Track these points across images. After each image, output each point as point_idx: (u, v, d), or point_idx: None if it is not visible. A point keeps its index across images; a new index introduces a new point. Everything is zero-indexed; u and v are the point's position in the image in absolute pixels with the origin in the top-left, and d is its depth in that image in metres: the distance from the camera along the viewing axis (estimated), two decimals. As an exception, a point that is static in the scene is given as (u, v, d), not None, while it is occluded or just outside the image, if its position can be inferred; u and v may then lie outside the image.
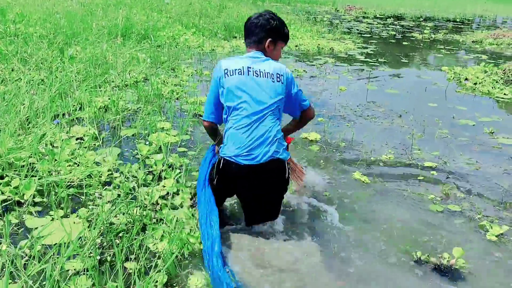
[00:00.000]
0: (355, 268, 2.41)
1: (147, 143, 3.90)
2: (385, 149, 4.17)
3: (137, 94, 5.19)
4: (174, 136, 4.16)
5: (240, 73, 2.45)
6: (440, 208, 3.11)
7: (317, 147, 4.17)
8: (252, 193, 2.56)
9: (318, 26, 12.70)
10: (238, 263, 2.36)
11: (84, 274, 2.15)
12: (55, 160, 3.25)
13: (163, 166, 3.44)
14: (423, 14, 21.40)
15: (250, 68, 2.46)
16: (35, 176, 2.98)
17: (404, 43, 11.65)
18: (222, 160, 2.51)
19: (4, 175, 2.96)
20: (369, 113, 5.27)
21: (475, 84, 6.86)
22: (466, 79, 7.09)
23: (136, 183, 3.14)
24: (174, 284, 2.21)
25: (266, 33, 2.55)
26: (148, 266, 2.26)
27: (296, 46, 9.72)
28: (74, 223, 2.59)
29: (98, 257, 2.27)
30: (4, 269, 2.09)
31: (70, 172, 3.11)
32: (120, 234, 2.49)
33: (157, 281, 2.14)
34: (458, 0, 30.30)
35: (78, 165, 3.27)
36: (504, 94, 6.39)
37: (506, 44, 11.83)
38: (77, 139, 3.87)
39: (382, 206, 3.11)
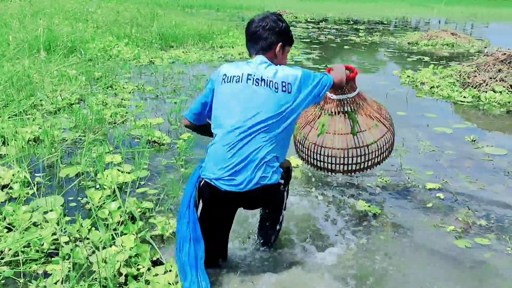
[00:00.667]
0: None
1: (98, 186, 3.11)
2: (374, 170, 3.67)
3: (73, 120, 4.35)
4: (129, 173, 3.40)
5: (237, 80, 2.09)
6: (468, 243, 2.64)
7: (299, 173, 3.60)
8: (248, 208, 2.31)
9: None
10: None
11: None
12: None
13: (120, 217, 2.69)
14: (350, 17, 21.73)
15: (251, 75, 2.08)
16: None
17: (345, 47, 11.47)
18: (201, 182, 2.15)
19: None
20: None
21: (432, 88, 6.66)
22: (423, 83, 6.88)
23: (92, 246, 2.38)
24: None
25: (276, 37, 2.16)
26: None
27: (239, 53, 9.15)
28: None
29: None
30: None
31: None
32: None
33: None
34: (378, 4, 31.36)
35: (10, 231, 2.44)
36: (464, 97, 6.21)
37: (440, 45, 12.04)
38: (2, 188, 3.01)
39: (408, 259, 2.57)
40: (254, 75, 2.08)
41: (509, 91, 6.18)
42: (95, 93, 5.38)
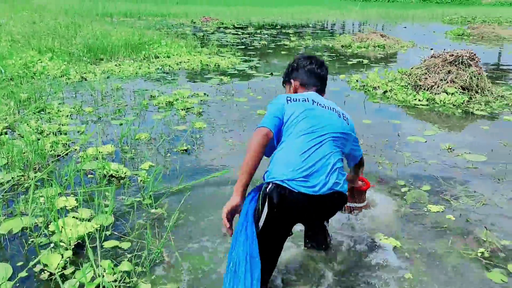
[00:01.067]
0: None
1: (53, 244, 2.48)
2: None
3: (4, 156, 3.61)
4: (89, 220, 2.79)
5: (304, 101, 2.20)
6: (504, 277, 2.36)
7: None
8: (309, 222, 2.36)
9: (188, 41, 11.64)
10: None
11: None
12: None
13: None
14: (274, 22, 21.75)
15: (315, 101, 2.23)
16: None
17: (282, 52, 11.25)
18: (269, 186, 1.98)
19: None
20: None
21: (385, 92, 6.56)
22: (375, 87, 6.76)
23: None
24: None
25: (325, 85, 2.49)
26: None
27: (177, 64, 8.56)
28: None
29: None
30: None
31: None
32: None
33: None
34: (299, 8, 31.88)
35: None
36: (419, 100, 6.14)
37: (372, 47, 12.21)
38: None
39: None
40: (317, 101, 2.22)
41: (460, 92, 6.21)
42: (25, 119, 4.60)
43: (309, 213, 2.06)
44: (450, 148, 4.31)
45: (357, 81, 7.23)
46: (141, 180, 3.41)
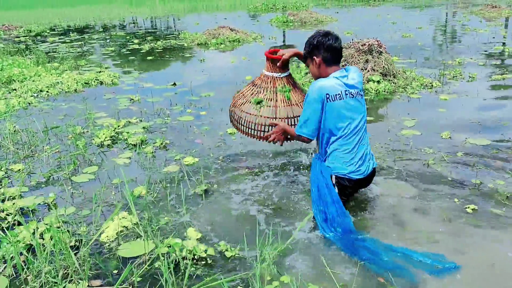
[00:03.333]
0: None
1: None
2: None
3: None
4: None
5: (339, 98, 2.75)
6: None
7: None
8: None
9: (37, 57, 9.66)
10: None
11: None
12: None
13: None
14: (87, 23, 19.80)
15: (347, 91, 2.78)
16: None
17: (149, 57, 10.22)
18: (335, 177, 2.87)
19: None
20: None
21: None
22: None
23: None
24: None
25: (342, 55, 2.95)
26: None
27: (49, 87, 6.98)
28: None
29: None
30: None
31: None
32: None
33: None
34: (101, 6, 29.74)
35: None
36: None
37: (228, 42, 12.07)
38: None
39: None
40: (348, 90, 2.79)
41: (383, 78, 6.55)
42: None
43: (361, 185, 3.04)
44: (450, 137, 4.46)
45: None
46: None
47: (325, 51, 2.82)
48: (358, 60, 6.71)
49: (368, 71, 6.61)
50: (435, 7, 24.35)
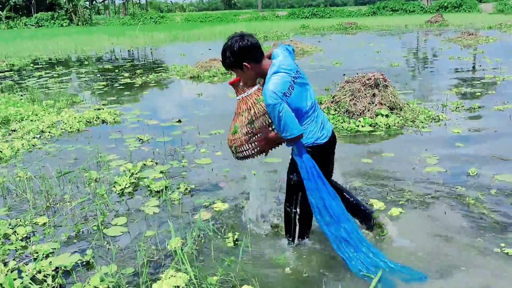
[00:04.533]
0: None
1: None
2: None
3: None
4: None
5: (292, 88, 2.79)
6: None
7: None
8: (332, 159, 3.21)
9: (31, 93, 9.45)
10: None
11: None
12: None
13: None
14: (71, 56, 19.60)
15: (293, 77, 2.83)
16: None
17: (145, 92, 10.11)
18: (307, 148, 2.94)
19: None
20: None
21: (322, 122, 6.51)
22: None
23: None
24: None
25: None
26: None
27: (49, 127, 6.77)
28: None
29: None
30: None
31: None
32: None
33: None
34: (82, 38, 29.54)
35: None
36: (362, 126, 6.31)
37: (220, 74, 12.06)
38: None
39: None
40: (293, 77, 2.85)
41: (391, 112, 6.61)
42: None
43: (330, 152, 3.13)
44: (476, 174, 4.48)
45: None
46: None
47: (252, 51, 2.78)
48: (365, 94, 6.76)
49: (376, 105, 6.66)
50: (408, 33, 25.10)
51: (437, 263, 2.98)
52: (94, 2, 64.32)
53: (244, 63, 2.79)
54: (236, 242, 3.35)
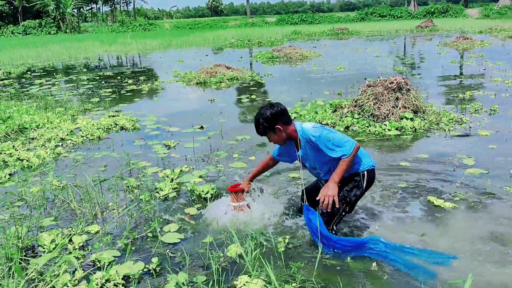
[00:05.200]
0: None
1: None
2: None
3: None
4: None
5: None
6: None
7: None
8: None
9: (40, 101, 9.28)
10: None
11: None
12: None
13: None
14: (67, 63, 19.37)
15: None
16: None
17: (155, 98, 10.01)
18: (367, 172, 3.28)
19: None
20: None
21: (346, 128, 6.52)
22: (332, 125, 6.65)
23: None
24: None
25: None
26: None
27: (68, 134, 6.65)
28: None
29: None
30: None
31: None
32: None
33: None
34: (73, 45, 29.26)
35: None
36: (388, 130, 6.32)
37: (227, 81, 12.02)
38: None
39: None
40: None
41: (415, 115, 6.64)
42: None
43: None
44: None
45: (313, 119, 6.98)
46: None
47: (281, 116, 3.24)
48: (389, 98, 6.78)
49: (400, 108, 6.69)
50: (400, 38, 25.39)
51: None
52: (81, 9, 63.85)
53: (276, 126, 3.24)
54: (288, 246, 3.30)
